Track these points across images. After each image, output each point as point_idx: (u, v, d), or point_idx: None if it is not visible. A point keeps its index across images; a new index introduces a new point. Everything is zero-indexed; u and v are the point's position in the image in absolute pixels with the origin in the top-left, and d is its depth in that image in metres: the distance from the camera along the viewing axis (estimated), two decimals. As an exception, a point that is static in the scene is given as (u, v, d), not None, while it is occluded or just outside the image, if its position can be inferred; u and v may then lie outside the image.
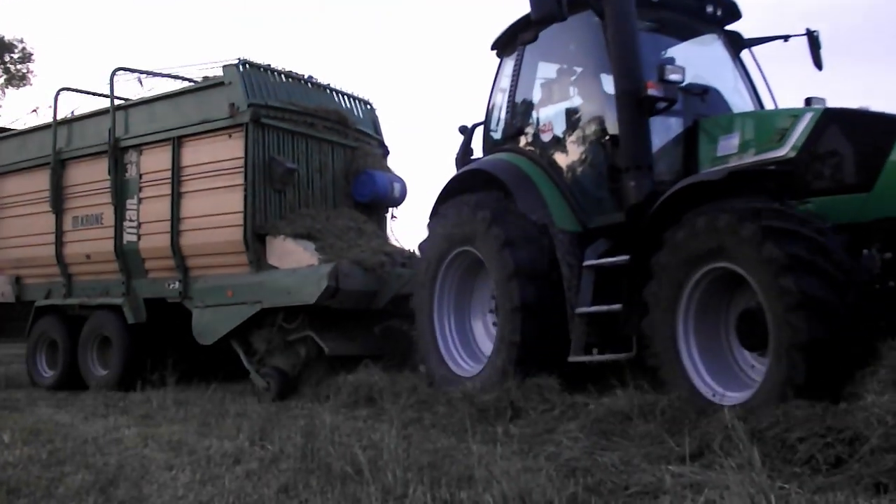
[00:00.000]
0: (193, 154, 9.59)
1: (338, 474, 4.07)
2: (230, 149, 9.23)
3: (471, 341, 7.21)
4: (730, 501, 2.98)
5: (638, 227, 5.71)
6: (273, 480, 4.14)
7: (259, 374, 8.63)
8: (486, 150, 7.51)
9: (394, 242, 10.20)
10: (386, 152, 11.05)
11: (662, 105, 6.04)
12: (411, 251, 9.66)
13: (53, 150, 10.92)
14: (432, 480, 3.79)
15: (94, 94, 11.52)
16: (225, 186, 9.25)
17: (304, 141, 9.77)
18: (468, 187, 7.06)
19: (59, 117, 11.09)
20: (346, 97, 10.73)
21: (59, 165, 10.92)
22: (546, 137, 6.91)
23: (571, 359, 6.06)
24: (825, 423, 3.76)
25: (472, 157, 7.75)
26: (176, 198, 9.64)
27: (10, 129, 12.08)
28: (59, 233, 10.89)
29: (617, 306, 5.78)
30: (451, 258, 7.08)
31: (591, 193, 6.58)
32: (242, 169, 9.06)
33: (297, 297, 8.45)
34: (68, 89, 11.43)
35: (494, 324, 7.06)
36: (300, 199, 9.62)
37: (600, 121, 6.50)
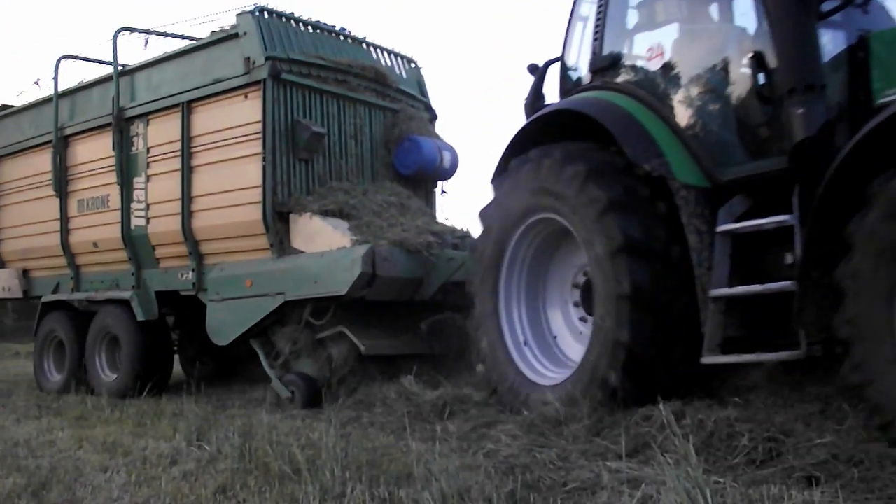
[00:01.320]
0: (205, 120, 8.14)
1: (276, 474, 4.01)
2: (246, 111, 7.75)
3: (548, 338, 5.60)
4: (666, 496, 2.95)
5: (812, 172, 4.07)
6: (210, 481, 4.08)
7: (281, 382, 7.13)
8: (563, 93, 5.85)
9: (443, 222, 8.62)
10: (433, 116, 9.44)
11: (835, 4, 4.36)
12: (465, 230, 8.07)
13: (55, 125, 9.61)
14: (371, 479, 3.79)
15: (98, 61, 10.16)
16: (241, 157, 7.77)
17: (334, 101, 8.22)
18: (546, 137, 5.40)
19: (60, 89, 9.75)
20: (385, 53, 9.15)
21: (61, 143, 9.60)
22: (654, 66, 5.18)
23: (706, 360, 4.40)
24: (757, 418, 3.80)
25: (546, 103, 6.08)
26: (186, 173, 8.20)
27: (11, 107, 10.82)
28: (64, 219, 9.58)
29: (779, 285, 4.17)
30: (524, 229, 5.46)
31: (721, 136, 4.85)
32: (260, 134, 7.56)
33: (325, 286, 6.93)
34: (70, 57, 10.08)
35: (583, 319, 5.45)
36: (331, 171, 8.08)
37: (738, 36, 4.83)
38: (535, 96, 6.12)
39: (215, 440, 5.00)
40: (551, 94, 6.10)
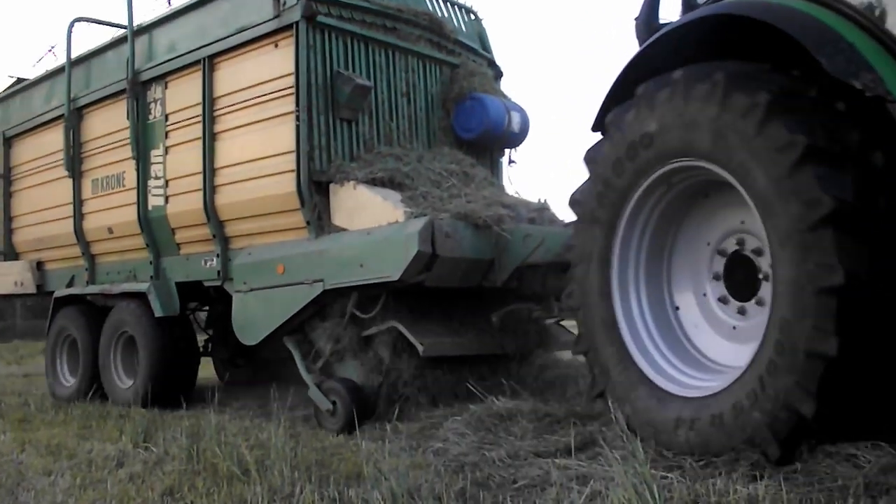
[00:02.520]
0: (229, 77, 6.84)
1: (224, 475, 3.96)
2: (276, 63, 6.42)
3: (677, 331, 4.14)
4: (614, 492, 2.94)
5: None
6: (157, 483, 4.01)
7: (321, 391, 5.78)
8: (688, 7, 4.33)
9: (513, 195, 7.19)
10: (498, 74, 8.02)
11: None
12: (542, 201, 6.63)
13: (67, 96, 8.42)
14: (320, 479, 3.78)
15: (113, 24, 8.92)
16: (271, 118, 6.44)
17: (382, 51, 6.85)
18: (677, 60, 3.88)
19: (74, 55, 8.56)
20: (440, 1, 7.75)
21: (74, 116, 8.42)
22: None
23: None
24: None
25: (663, 23, 4.54)
26: (209, 141, 6.91)
27: (26, 80, 9.70)
28: (78, 202, 8.40)
29: None
30: (654, 179, 3.96)
31: None
32: (293, 89, 6.22)
33: (373, 270, 5.56)
34: (84, 20, 8.89)
35: (741, 311, 3.96)
36: (379, 134, 6.71)
37: None
38: (650, 14, 4.60)
39: (162, 441, 4.92)
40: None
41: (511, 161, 7.81)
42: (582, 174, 4.35)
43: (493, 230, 5.77)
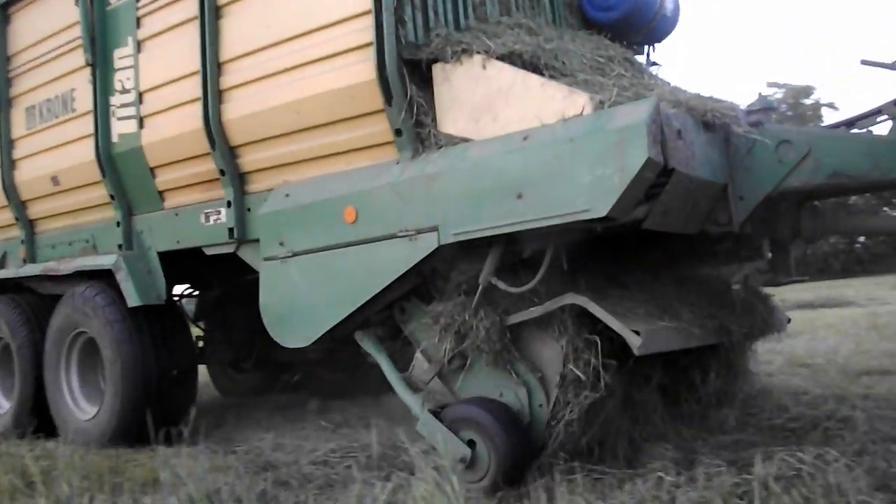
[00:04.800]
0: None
1: (6, 489, 3.65)
2: None
3: None
4: (416, 487, 2.82)
5: None
6: None
7: (444, 423, 3.24)
8: None
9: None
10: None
11: None
12: (766, 96, 4.11)
13: (-14, -11, 5.75)
14: (113, 487, 3.54)
15: None
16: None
17: None
18: None
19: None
20: None
21: (-3, 17, 5.74)
22: None
23: None
24: None
25: None
26: (210, 19, 4.29)
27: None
28: (6, 144, 5.73)
29: None
30: None
31: None
32: (360, -89, 3.64)
33: (546, 203, 3.01)
34: None
35: None
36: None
37: None
38: None
39: (-74, 458, 4.55)
40: None
41: (651, 62, 5.34)
42: None
43: (732, 133, 3.28)
